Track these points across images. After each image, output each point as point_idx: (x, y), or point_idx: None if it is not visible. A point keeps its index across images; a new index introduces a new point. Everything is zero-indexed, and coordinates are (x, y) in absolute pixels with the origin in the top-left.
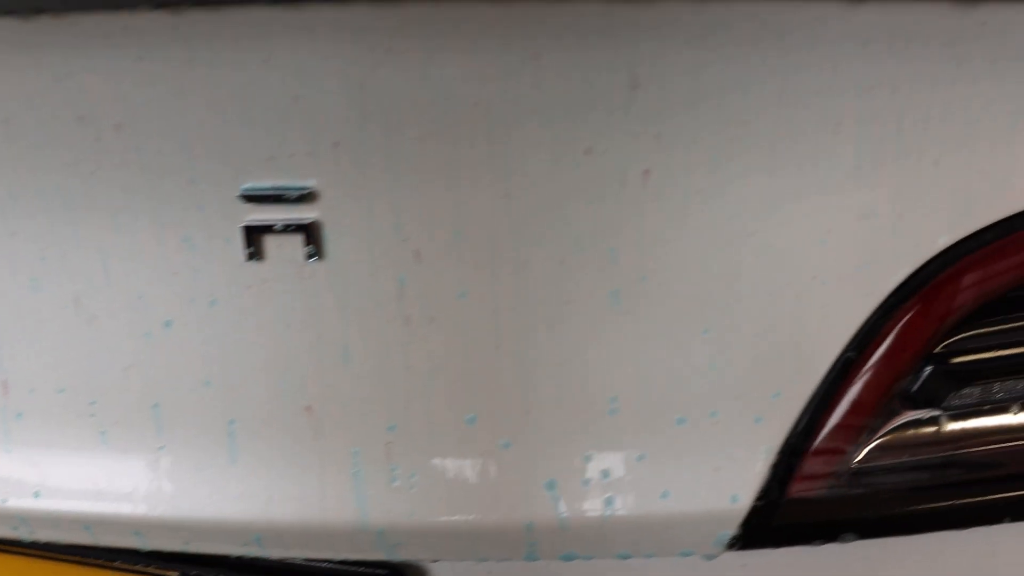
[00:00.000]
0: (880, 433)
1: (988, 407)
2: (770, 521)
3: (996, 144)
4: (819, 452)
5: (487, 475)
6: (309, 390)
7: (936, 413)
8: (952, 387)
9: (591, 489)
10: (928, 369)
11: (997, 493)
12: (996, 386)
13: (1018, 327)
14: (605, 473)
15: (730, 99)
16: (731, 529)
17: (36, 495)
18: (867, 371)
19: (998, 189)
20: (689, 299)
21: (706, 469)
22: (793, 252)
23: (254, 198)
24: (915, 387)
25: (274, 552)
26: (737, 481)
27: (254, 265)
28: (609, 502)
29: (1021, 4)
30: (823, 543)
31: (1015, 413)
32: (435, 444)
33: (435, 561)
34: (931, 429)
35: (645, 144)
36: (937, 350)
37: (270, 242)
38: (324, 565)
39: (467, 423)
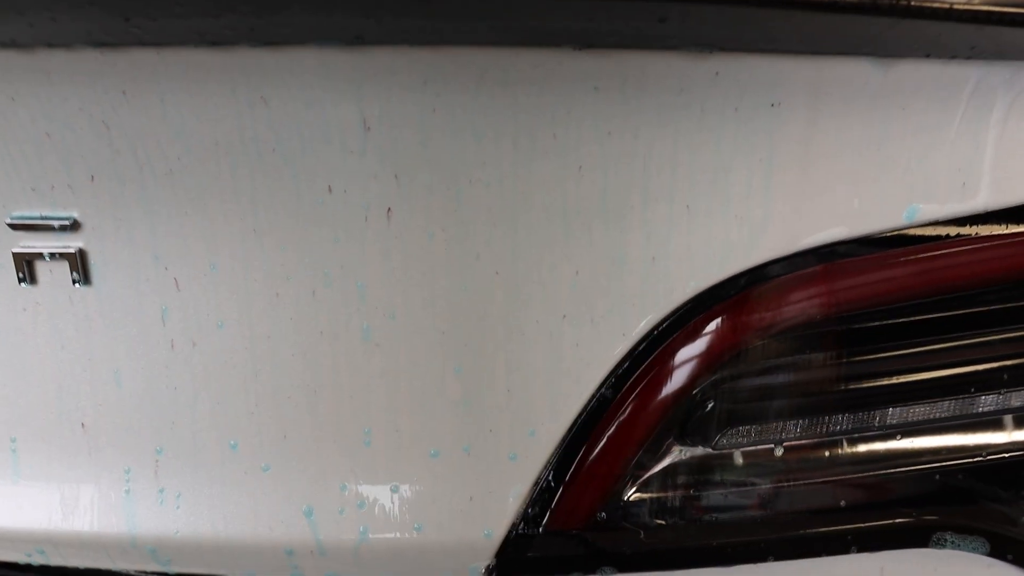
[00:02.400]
0: (648, 469)
1: (753, 447)
2: (525, 554)
3: (751, 190)
4: (577, 488)
5: (249, 498)
6: (84, 408)
7: (705, 452)
8: (722, 427)
9: (346, 517)
10: (700, 408)
11: (761, 532)
12: (762, 427)
13: (782, 369)
14: (360, 503)
15: (464, 142)
16: (485, 560)
17: None
18: (624, 410)
19: (755, 236)
20: (439, 336)
21: (460, 501)
22: (542, 292)
23: (22, 226)
24: (686, 425)
25: (57, 561)
26: (491, 514)
27: (27, 289)
28: (364, 530)
29: (751, 55)
30: None
31: (777, 454)
32: (199, 466)
33: None
34: (698, 467)
35: (385, 183)
36: (710, 390)
37: (41, 268)
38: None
39: (230, 448)
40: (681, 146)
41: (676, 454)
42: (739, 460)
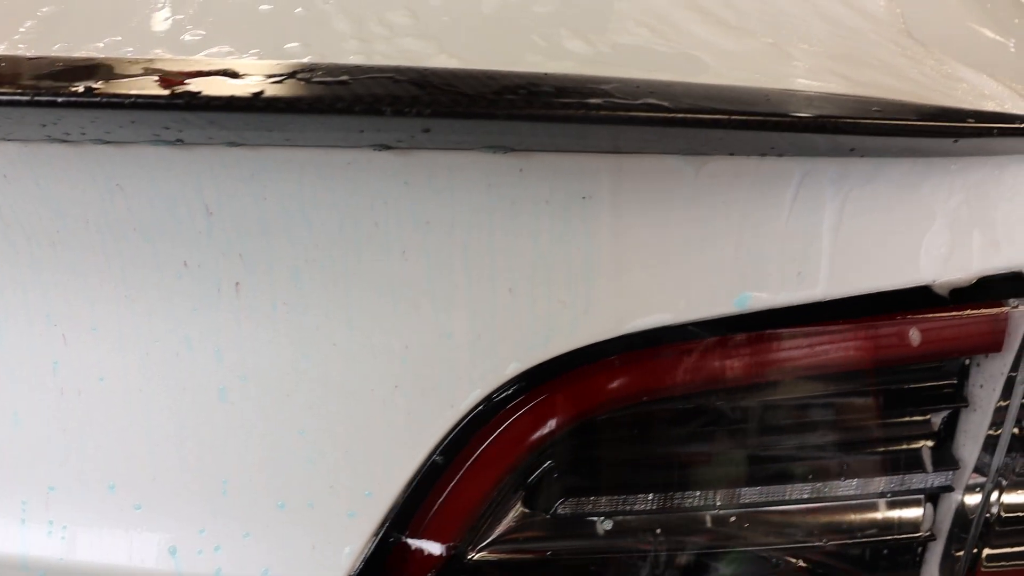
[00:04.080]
0: (489, 533)
1: (590, 517)
2: None
3: (572, 277)
4: (413, 547)
5: (124, 533)
6: None
7: (544, 518)
8: (558, 496)
9: (204, 557)
10: (535, 477)
11: None
12: (596, 500)
13: (609, 444)
14: (217, 546)
15: (295, 226)
16: None
17: None
18: (454, 477)
19: (577, 319)
20: (285, 399)
21: (303, 552)
22: (374, 363)
23: None
24: (530, 492)
25: None
26: (329, 566)
27: None
28: (218, 570)
29: (554, 154)
30: None
31: (606, 527)
32: (84, 503)
33: None
34: (538, 533)
35: (231, 261)
36: (540, 461)
37: None
38: None
39: (109, 488)
40: (497, 235)
41: (517, 519)
42: (579, 528)
